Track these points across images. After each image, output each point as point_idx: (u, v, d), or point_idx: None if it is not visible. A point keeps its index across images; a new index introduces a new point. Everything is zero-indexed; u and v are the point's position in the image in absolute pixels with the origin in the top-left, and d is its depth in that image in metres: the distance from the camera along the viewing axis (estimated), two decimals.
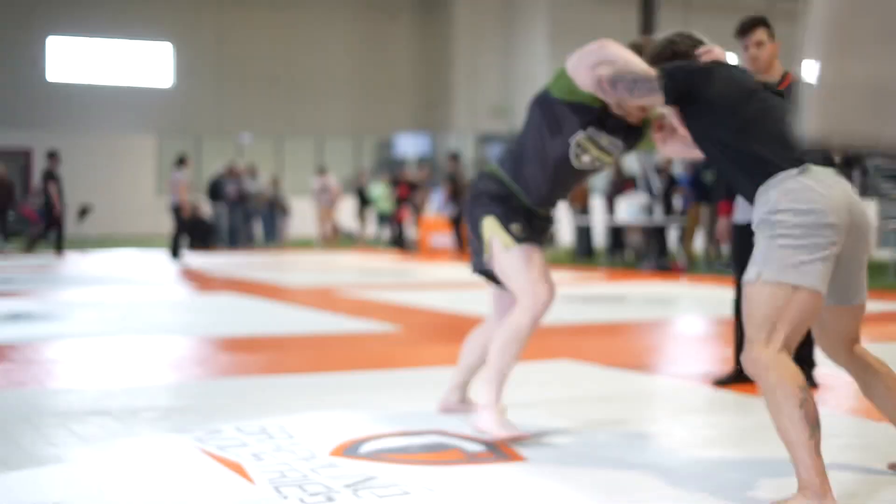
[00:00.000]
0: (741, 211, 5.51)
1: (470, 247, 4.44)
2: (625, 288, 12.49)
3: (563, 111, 4.17)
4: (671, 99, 3.68)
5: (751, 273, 3.37)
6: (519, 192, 4.26)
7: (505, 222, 4.24)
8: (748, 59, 5.35)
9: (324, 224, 23.38)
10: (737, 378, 5.60)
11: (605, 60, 3.88)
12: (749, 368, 3.34)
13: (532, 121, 4.26)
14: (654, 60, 3.91)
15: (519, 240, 4.22)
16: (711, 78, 3.64)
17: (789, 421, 3.21)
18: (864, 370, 3.66)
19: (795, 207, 3.31)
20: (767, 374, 3.26)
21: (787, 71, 5.37)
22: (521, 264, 4.21)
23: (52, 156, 19.92)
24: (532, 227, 4.31)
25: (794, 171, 3.36)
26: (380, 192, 23.76)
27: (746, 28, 5.32)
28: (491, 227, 4.26)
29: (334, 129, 35.14)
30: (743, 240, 5.27)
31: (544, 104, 4.22)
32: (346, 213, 27.87)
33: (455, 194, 19.60)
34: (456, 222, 19.71)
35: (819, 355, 5.59)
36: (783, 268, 3.29)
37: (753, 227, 3.45)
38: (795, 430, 3.21)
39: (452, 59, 36.23)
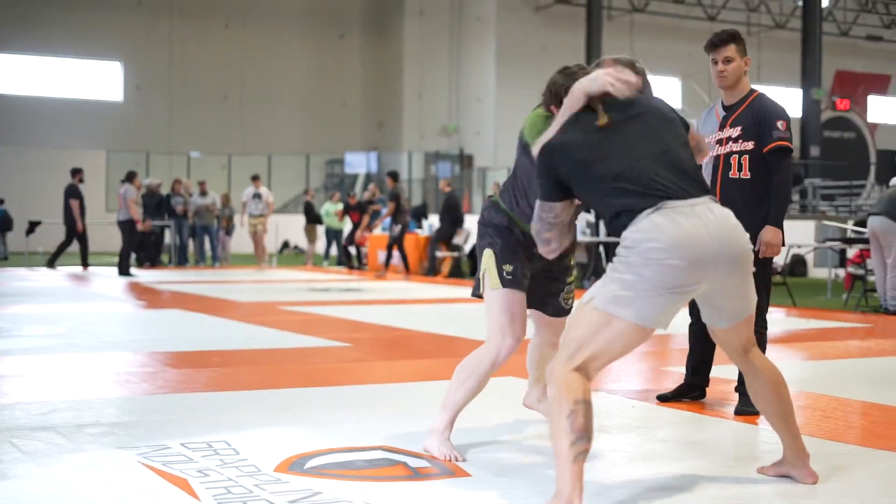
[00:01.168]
0: None
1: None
2: None
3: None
4: (557, 197, 3.72)
5: (585, 296, 3.52)
6: (519, 221, 4.35)
7: (500, 261, 4.34)
8: (716, 75, 5.37)
9: (255, 238, 21.98)
10: (679, 395, 5.69)
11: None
12: (548, 380, 3.50)
13: (519, 161, 4.32)
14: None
15: (505, 283, 4.32)
16: (552, 159, 3.66)
17: (556, 431, 3.36)
18: (752, 374, 3.87)
19: (638, 246, 3.41)
20: (554, 390, 3.42)
21: (754, 90, 5.40)
22: (498, 307, 4.32)
23: (77, 172, 19.05)
24: (531, 263, 4.39)
25: (648, 210, 3.44)
26: (328, 208, 23.60)
27: (717, 43, 5.30)
28: (487, 262, 4.37)
29: (283, 147, 35.06)
30: None
31: (526, 149, 4.23)
32: (295, 229, 27.77)
33: (397, 213, 19.28)
34: (398, 242, 19.30)
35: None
36: (611, 298, 3.43)
37: None
38: (560, 439, 3.35)
39: (401, 78, 36.28)
